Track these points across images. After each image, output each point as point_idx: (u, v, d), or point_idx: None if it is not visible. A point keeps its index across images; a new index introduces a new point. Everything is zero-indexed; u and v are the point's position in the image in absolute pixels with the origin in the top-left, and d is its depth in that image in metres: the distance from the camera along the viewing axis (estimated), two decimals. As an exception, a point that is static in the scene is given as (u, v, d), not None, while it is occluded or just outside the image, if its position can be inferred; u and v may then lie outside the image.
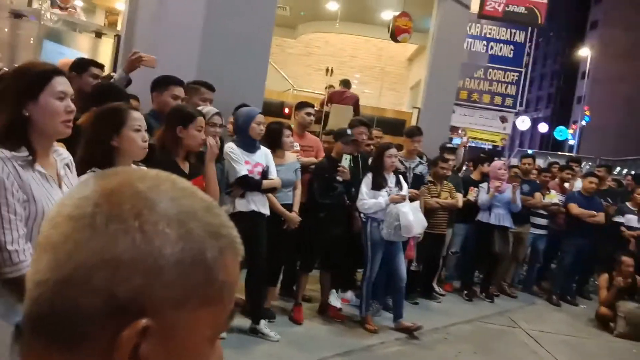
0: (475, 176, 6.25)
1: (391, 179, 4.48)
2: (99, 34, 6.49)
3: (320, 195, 4.27)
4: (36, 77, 1.61)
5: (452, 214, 5.71)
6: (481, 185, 5.94)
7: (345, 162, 4.28)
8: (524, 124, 25.05)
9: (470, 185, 5.97)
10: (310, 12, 10.92)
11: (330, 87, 8.38)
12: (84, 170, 1.89)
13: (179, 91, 3.41)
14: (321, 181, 4.30)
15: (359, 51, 12.78)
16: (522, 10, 8.79)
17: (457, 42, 8.05)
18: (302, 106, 4.79)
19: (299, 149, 4.51)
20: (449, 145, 6.94)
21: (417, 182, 5.18)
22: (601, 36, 51.32)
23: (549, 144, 47.69)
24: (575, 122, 37.85)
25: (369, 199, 4.33)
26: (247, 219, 3.64)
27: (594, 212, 6.28)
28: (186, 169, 2.91)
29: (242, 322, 3.92)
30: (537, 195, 6.37)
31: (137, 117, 2.12)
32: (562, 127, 38.39)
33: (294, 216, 4.08)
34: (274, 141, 4.12)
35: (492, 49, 13.99)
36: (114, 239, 0.45)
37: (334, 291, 4.69)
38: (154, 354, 0.45)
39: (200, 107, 3.34)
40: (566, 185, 6.88)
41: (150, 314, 0.44)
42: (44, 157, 1.67)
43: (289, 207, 4.10)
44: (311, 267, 4.48)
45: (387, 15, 9.73)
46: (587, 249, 6.37)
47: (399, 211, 4.29)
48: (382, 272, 4.52)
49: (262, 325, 3.87)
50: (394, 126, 7.67)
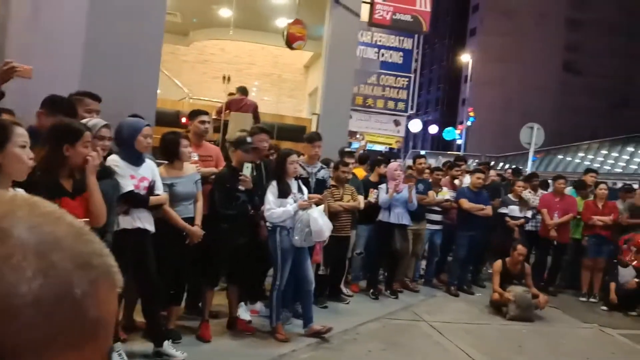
0: (373, 178, 6.45)
1: (293, 185, 4.48)
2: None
3: (222, 206, 4.15)
4: None
5: (355, 216, 5.84)
6: (380, 186, 6.15)
7: (246, 170, 4.20)
8: (416, 126, 26.55)
9: (369, 187, 6.16)
10: (202, 18, 10.67)
11: (232, 94, 8.24)
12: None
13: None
14: (223, 191, 4.18)
15: (256, 58, 12.74)
16: (408, 18, 9.27)
17: (350, 49, 8.31)
18: (196, 114, 4.63)
19: (197, 159, 4.35)
20: (348, 149, 7.13)
21: (320, 186, 5.25)
22: (479, 42, 56.01)
23: (439, 144, 51.05)
24: (461, 123, 40.81)
25: (277, 208, 4.29)
26: (132, 237, 3.45)
27: (483, 206, 6.77)
28: (70, 186, 2.66)
29: (145, 347, 3.69)
30: (431, 193, 6.73)
31: (22, 133, 1.96)
32: (449, 128, 41.21)
33: (197, 230, 3.92)
34: (171, 152, 3.93)
35: (383, 55, 14.63)
36: None
37: (242, 304, 4.58)
38: None
39: (85, 120, 3.10)
40: (456, 182, 7.36)
41: None
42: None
43: (191, 220, 3.93)
44: (217, 281, 4.34)
45: (282, 22, 9.80)
46: (478, 240, 6.86)
47: (310, 217, 4.31)
48: (290, 279, 4.49)
49: (166, 346, 3.67)
50: (294, 132, 7.72)
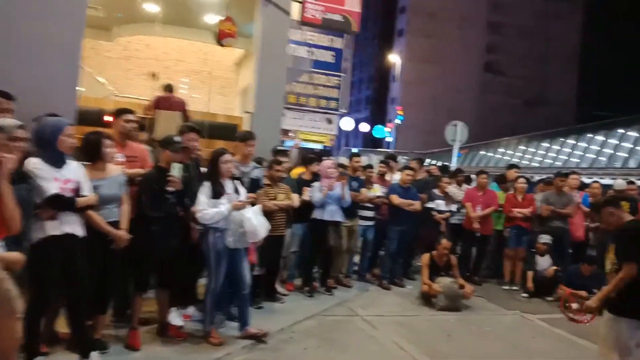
0: (306, 176, 6.48)
1: (228, 186, 4.39)
2: None
3: (150, 208, 4.00)
4: None
5: (290, 214, 5.84)
6: (313, 184, 6.18)
7: (175, 171, 4.07)
8: (348, 124, 26.96)
9: (303, 185, 6.18)
10: (127, 13, 10.22)
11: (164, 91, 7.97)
12: None
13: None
14: (150, 193, 4.02)
15: (185, 55, 12.41)
16: (338, 18, 9.38)
17: (281, 48, 8.28)
18: (120, 113, 4.43)
19: (122, 160, 4.16)
20: (281, 148, 7.12)
21: (254, 186, 5.20)
22: (406, 43, 57.82)
23: (371, 141, 52.21)
24: (390, 121, 41.95)
25: (209, 209, 4.19)
26: (61, 244, 3.26)
27: (412, 201, 6.99)
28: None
29: (70, 359, 3.49)
30: (363, 190, 6.86)
31: None
32: (379, 126, 42.21)
33: (122, 234, 3.75)
34: (93, 153, 3.74)
35: (314, 54, 14.72)
36: None
37: (174, 309, 4.44)
38: None
39: (-3, 120, 2.87)
40: (387, 178, 7.55)
41: None
42: None
43: (116, 224, 3.76)
44: (146, 286, 4.18)
45: (211, 19, 9.60)
46: (408, 235, 7.09)
47: (243, 217, 4.24)
48: (225, 281, 4.41)
49: (94, 357, 3.49)
50: (226, 131, 7.59)
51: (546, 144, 40.92)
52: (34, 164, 3.24)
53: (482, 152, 45.90)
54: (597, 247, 7.43)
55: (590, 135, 36.96)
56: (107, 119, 6.32)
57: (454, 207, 7.69)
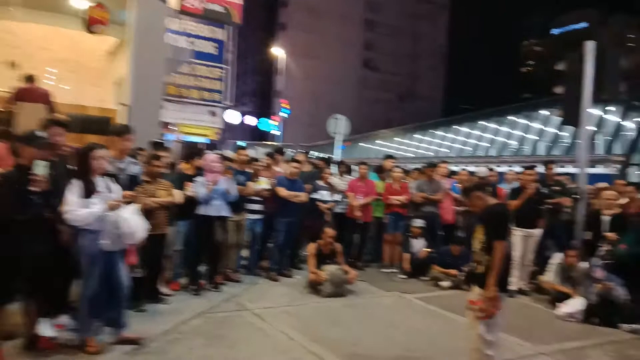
0: (189, 170, 6.29)
1: (100, 184, 4.10)
2: None
3: (13, 210, 3.61)
4: None
5: (172, 211, 5.63)
6: (196, 179, 6.02)
7: (39, 169, 3.71)
8: (233, 117, 26.57)
9: (185, 180, 5.99)
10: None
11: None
12: None
13: None
14: (11, 194, 3.63)
15: (50, 43, 11.30)
16: (219, 8, 9.20)
17: (158, 37, 7.93)
18: (-27, 106, 3.93)
19: (-26, 158, 3.70)
20: (159, 141, 6.81)
21: (131, 183, 4.91)
22: (289, 37, 58.34)
23: (257, 135, 52.02)
24: (276, 114, 42.12)
25: (80, 209, 3.87)
26: None
27: (298, 193, 7.12)
28: None
29: None
30: (250, 183, 6.84)
31: None
32: (265, 119, 42.17)
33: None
34: None
35: (195, 45, 14.26)
36: None
37: (44, 319, 4.06)
38: None
39: None
40: (277, 169, 7.60)
41: None
42: None
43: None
44: (9, 298, 3.77)
45: (80, 4, 8.86)
46: (295, 226, 7.21)
47: (119, 218, 3.98)
48: (101, 285, 4.12)
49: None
50: (99, 124, 7.08)
51: (419, 136, 43.99)
52: None
53: (362, 144, 48.06)
54: (465, 229, 8.18)
55: (456, 127, 40.43)
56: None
57: (338, 197, 7.97)
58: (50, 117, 4.86)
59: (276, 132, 39.48)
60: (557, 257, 6.90)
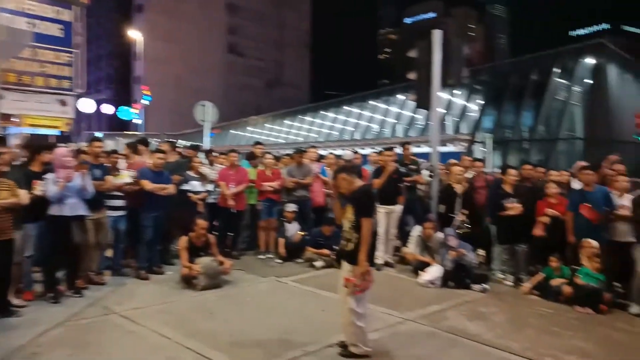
0: (36, 167, 5.63)
1: None
2: None
3: None
4: None
5: (19, 214, 5.02)
6: (46, 176, 5.42)
7: None
8: (87, 106, 24.40)
9: (32, 178, 5.37)
10: None
11: None
12: None
13: None
14: None
15: None
16: (63, -14, 8.30)
17: (-11, 16, 6.92)
18: None
19: None
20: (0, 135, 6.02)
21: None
22: (147, 20, 54.99)
23: (117, 124, 48.48)
24: (137, 102, 39.57)
25: None
26: None
27: (165, 185, 6.79)
28: None
29: None
30: (109, 178, 6.35)
31: None
32: (125, 107, 39.44)
33: None
34: None
35: (37, 27, 12.76)
36: None
37: None
38: None
39: None
40: (139, 160, 7.15)
41: None
42: None
43: None
44: None
45: None
46: (163, 220, 6.88)
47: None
48: None
49: None
50: None
51: (288, 122, 44.61)
52: None
53: (232, 131, 47.44)
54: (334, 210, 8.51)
55: (323, 112, 41.70)
56: None
57: (210, 187, 7.78)
58: None
59: (138, 121, 37.16)
60: (416, 230, 7.51)
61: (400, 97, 34.59)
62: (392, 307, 5.52)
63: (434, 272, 6.65)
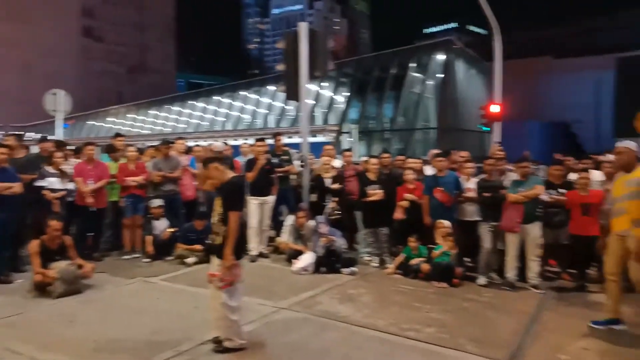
0: None
1: None
2: None
3: None
4: None
5: None
6: None
7: None
8: None
9: None
10: None
11: None
12: None
13: None
14: None
15: None
16: None
17: None
18: None
19: None
20: None
21: None
22: (-17, -4, 48.15)
23: (-53, 115, 41.98)
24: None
25: None
26: None
27: (9, 184, 6.07)
28: None
29: None
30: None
31: None
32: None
33: None
34: None
35: None
36: None
37: None
38: None
39: None
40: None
41: None
42: None
43: None
44: None
45: None
46: (11, 222, 6.16)
47: None
48: None
49: None
50: None
51: (154, 112, 42.39)
52: None
53: (90, 122, 43.82)
54: (206, 203, 8.31)
55: (192, 102, 40.35)
56: None
57: (71, 185, 7.13)
58: None
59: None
60: (289, 220, 7.66)
61: (271, 88, 34.78)
62: (267, 297, 5.57)
63: (307, 259, 6.85)
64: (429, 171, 7.41)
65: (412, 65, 30.11)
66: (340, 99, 31.94)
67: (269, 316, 5.05)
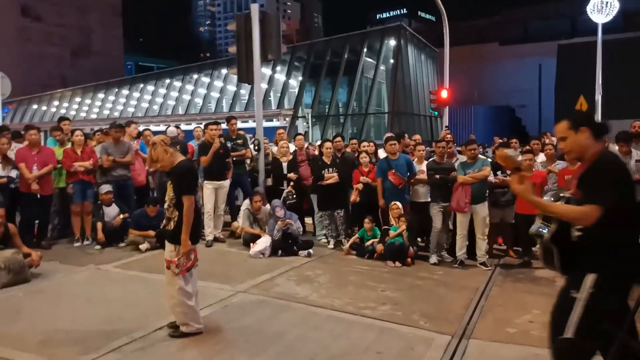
0: None
1: None
2: None
3: None
4: None
5: None
6: None
7: None
8: None
9: None
10: None
11: None
12: None
13: None
14: None
15: None
16: None
17: None
18: None
19: None
20: None
21: None
22: None
23: None
24: None
25: None
26: None
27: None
28: None
29: None
30: None
31: None
32: None
33: None
34: None
35: None
36: None
37: None
38: None
39: None
40: None
41: None
42: None
43: None
44: None
45: None
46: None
47: None
48: None
49: None
50: None
51: (101, 95, 40.79)
52: None
53: (34, 106, 41.72)
54: (157, 188, 8.13)
55: (141, 85, 39.07)
56: None
57: (14, 173, 6.79)
58: None
59: None
60: (245, 204, 7.61)
61: (223, 71, 34.14)
62: (224, 282, 5.54)
63: (263, 242, 6.85)
64: (382, 154, 7.53)
65: (365, 50, 30.31)
66: (293, 83, 31.78)
67: (226, 300, 5.03)
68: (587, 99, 18.53)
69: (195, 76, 36.17)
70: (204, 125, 8.06)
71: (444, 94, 14.22)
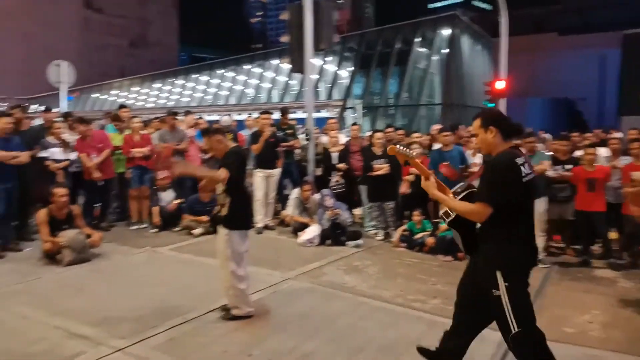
0: None
1: None
2: None
3: None
4: None
5: None
6: None
7: None
8: None
9: None
10: None
11: None
12: None
13: None
14: None
15: None
16: None
17: None
18: None
19: None
20: None
21: None
22: (-19, -35, 47.29)
23: (-51, 86, 41.79)
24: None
25: None
26: None
27: (17, 153, 6.09)
28: None
29: None
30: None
31: None
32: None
33: None
34: None
35: None
36: None
37: None
38: None
39: None
40: None
41: None
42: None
43: None
44: None
45: None
46: (15, 192, 6.19)
47: None
48: None
49: None
50: None
51: (158, 85, 42.11)
52: None
53: (95, 95, 43.61)
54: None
55: (196, 75, 40.02)
56: None
57: (73, 156, 7.14)
58: None
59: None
60: (294, 193, 7.68)
61: (274, 61, 34.42)
62: (274, 268, 5.63)
63: (312, 231, 6.89)
64: (436, 145, 7.38)
65: (417, 40, 29.70)
66: (344, 74, 31.62)
67: (276, 286, 5.10)
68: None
69: (247, 66, 36.67)
70: (255, 115, 8.17)
71: (500, 85, 13.76)
